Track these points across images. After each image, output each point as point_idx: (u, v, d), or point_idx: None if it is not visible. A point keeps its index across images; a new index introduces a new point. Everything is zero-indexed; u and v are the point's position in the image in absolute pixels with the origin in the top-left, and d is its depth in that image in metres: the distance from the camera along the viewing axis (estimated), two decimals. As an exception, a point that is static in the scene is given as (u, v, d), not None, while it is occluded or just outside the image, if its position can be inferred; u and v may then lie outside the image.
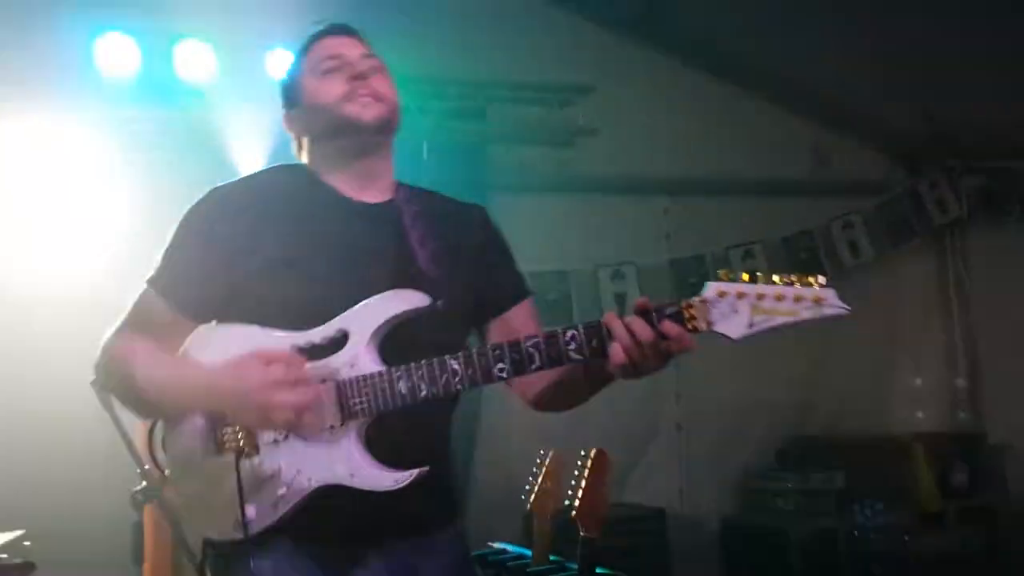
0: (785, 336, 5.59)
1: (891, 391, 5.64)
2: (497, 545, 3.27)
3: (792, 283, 1.59)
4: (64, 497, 3.60)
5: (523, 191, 5.12)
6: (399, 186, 1.91)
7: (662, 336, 1.61)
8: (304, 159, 1.92)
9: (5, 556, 3.23)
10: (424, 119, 4.64)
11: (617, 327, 1.61)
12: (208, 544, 1.76)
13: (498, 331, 1.91)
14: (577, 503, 2.60)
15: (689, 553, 5.00)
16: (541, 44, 5.00)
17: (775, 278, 1.59)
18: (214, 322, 1.81)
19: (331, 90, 1.82)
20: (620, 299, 5.21)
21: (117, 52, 4.12)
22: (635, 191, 5.31)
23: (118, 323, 1.81)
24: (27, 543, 3.47)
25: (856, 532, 4.58)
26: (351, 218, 1.82)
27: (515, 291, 1.96)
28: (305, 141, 1.91)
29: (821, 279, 1.58)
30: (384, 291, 1.71)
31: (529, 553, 3.06)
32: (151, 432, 1.82)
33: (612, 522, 2.69)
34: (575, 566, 2.72)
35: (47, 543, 3.05)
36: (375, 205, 1.85)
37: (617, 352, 1.61)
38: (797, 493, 4.79)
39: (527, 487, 3.06)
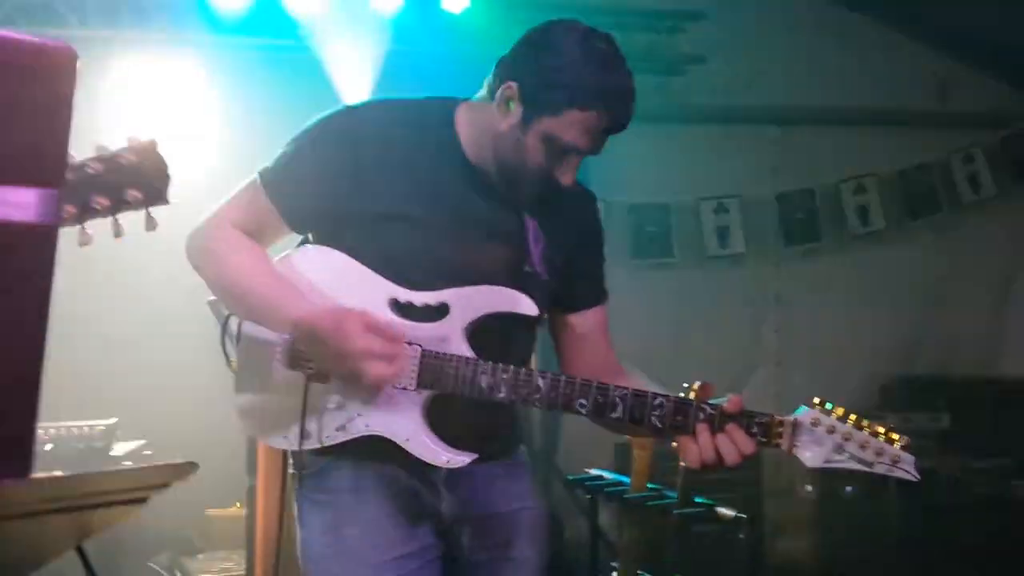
0: (896, 274, 5.44)
1: (1006, 333, 5.42)
2: (594, 471, 3.32)
3: (877, 435, 1.67)
4: (182, 411, 3.79)
5: (626, 120, 5.03)
6: None
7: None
8: (483, 107, 1.78)
9: (130, 463, 3.43)
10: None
11: (704, 440, 1.65)
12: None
13: (569, 329, 1.94)
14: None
15: (783, 489, 4.97)
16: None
17: (864, 423, 1.67)
18: (309, 243, 1.83)
19: (540, 163, 1.72)
20: (722, 233, 5.12)
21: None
22: (743, 121, 5.16)
23: (220, 207, 1.81)
24: (148, 452, 3.69)
25: (959, 475, 4.47)
26: (483, 199, 1.79)
27: (595, 295, 1.97)
28: (496, 111, 1.74)
29: (902, 440, 1.68)
30: (494, 283, 1.74)
31: (626, 480, 3.10)
32: (226, 323, 1.85)
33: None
34: (673, 495, 2.74)
35: (166, 453, 3.23)
36: (504, 195, 1.81)
37: (693, 456, 1.67)
38: (899, 432, 4.68)
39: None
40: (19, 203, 0.88)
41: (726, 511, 2.79)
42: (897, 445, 1.67)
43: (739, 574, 2.98)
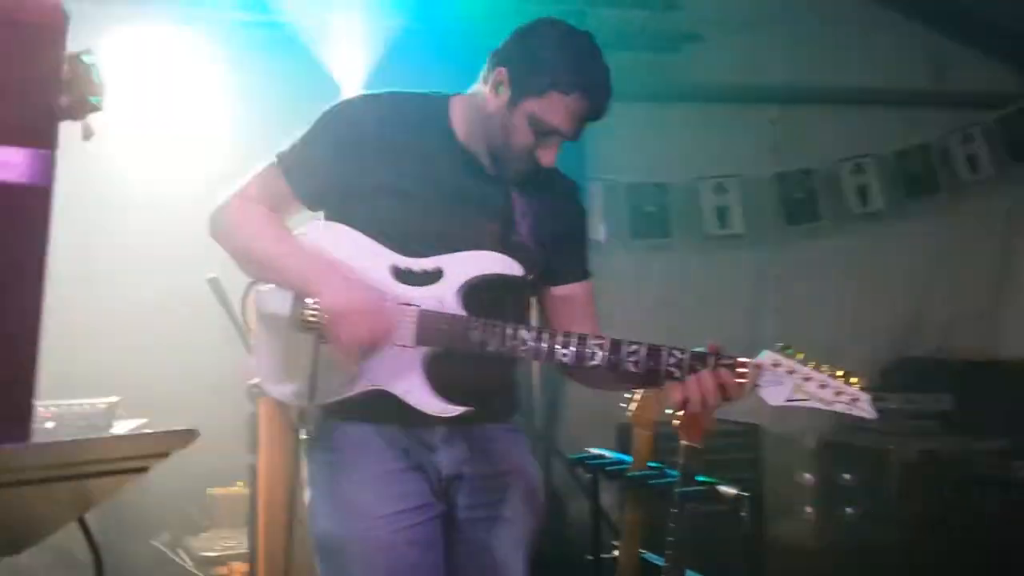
0: (896, 255, 5.41)
1: (1005, 313, 5.41)
2: (595, 451, 3.31)
3: (836, 376, 1.78)
4: (185, 389, 3.78)
5: (623, 99, 4.95)
6: None
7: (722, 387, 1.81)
8: (476, 95, 1.96)
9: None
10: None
11: (691, 381, 1.81)
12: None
13: (555, 302, 2.12)
14: (681, 412, 2.59)
15: (783, 470, 4.98)
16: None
17: (824, 367, 1.79)
18: (322, 216, 2.02)
19: (525, 142, 1.91)
20: (721, 213, 5.10)
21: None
22: (741, 100, 5.12)
23: (242, 186, 2.00)
24: (148, 431, 3.68)
25: (961, 456, 4.47)
26: (473, 178, 1.98)
27: (579, 272, 2.14)
28: (484, 98, 1.94)
29: (861, 380, 1.79)
30: (486, 248, 1.92)
31: (627, 459, 3.09)
32: (247, 291, 2.02)
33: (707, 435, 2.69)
34: (675, 473, 2.73)
35: (168, 432, 3.22)
36: (494, 176, 2.00)
37: (675, 392, 1.83)
38: (900, 414, 4.69)
39: (627, 396, 3.07)
40: (8, 163, 0.86)
41: (728, 489, 2.78)
42: (856, 386, 1.76)
43: (741, 553, 2.98)
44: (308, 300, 1.85)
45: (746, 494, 2.78)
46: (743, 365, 1.80)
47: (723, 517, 2.85)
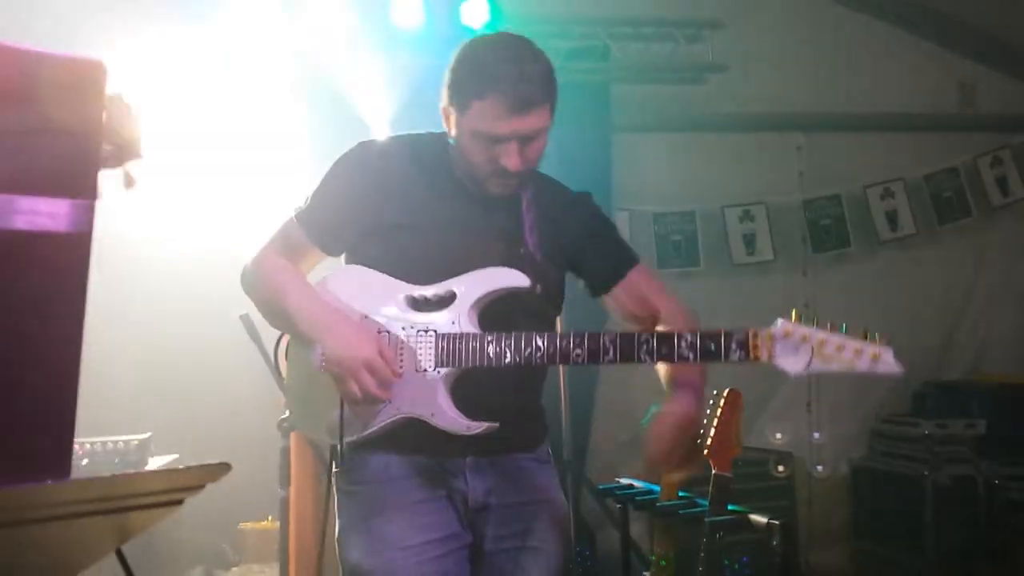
0: (926, 279, 5.36)
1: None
2: (624, 480, 3.30)
3: (854, 336, 1.71)
4: (216, 424, 3.83)
5: (649, 130, 5.04)
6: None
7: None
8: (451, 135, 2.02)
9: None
10: (546, 59, 4.57)
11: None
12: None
13: (624, 295, 2.14)
14: (709, 441, 2.59)
15: (817, 497, 4.93)
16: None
17: (842, 328, 1.72)
18: (342, 260, 2.08)
19: (481, 156, 1.94)
20: (749, 240, 5.10)
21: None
22: (767, 128, 5.15)
23: (267, 242, 2.08)
24: (181, 467, 3.72)
25: (997, 481, 4.40)
26: (477, 204, 2.03)
27: (616, 268, 2.15)
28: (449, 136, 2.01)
29: (883, 337, 1.71)
30: (494, 265, 1.95)
31: (657, 489, 3.08)
32: (278, 341, 2.11)
33: (738, 463, 2.68)
34: (705, 503, 2.72)
35: (200, 467, 3.25)
36: (498, 197, 2.03)
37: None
38: (933, 439, 4.63)
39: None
40: (51, 213, 0.89)
41: (759, 518, 2.76)
42: (877, 342, 1.68)
43: (774, 582, 2.94)
44: (318, 349, 1.91)
45: (778, 522, 2.76)
46: (755, 336, 1.78)
47: (755, 546, 2.82)
